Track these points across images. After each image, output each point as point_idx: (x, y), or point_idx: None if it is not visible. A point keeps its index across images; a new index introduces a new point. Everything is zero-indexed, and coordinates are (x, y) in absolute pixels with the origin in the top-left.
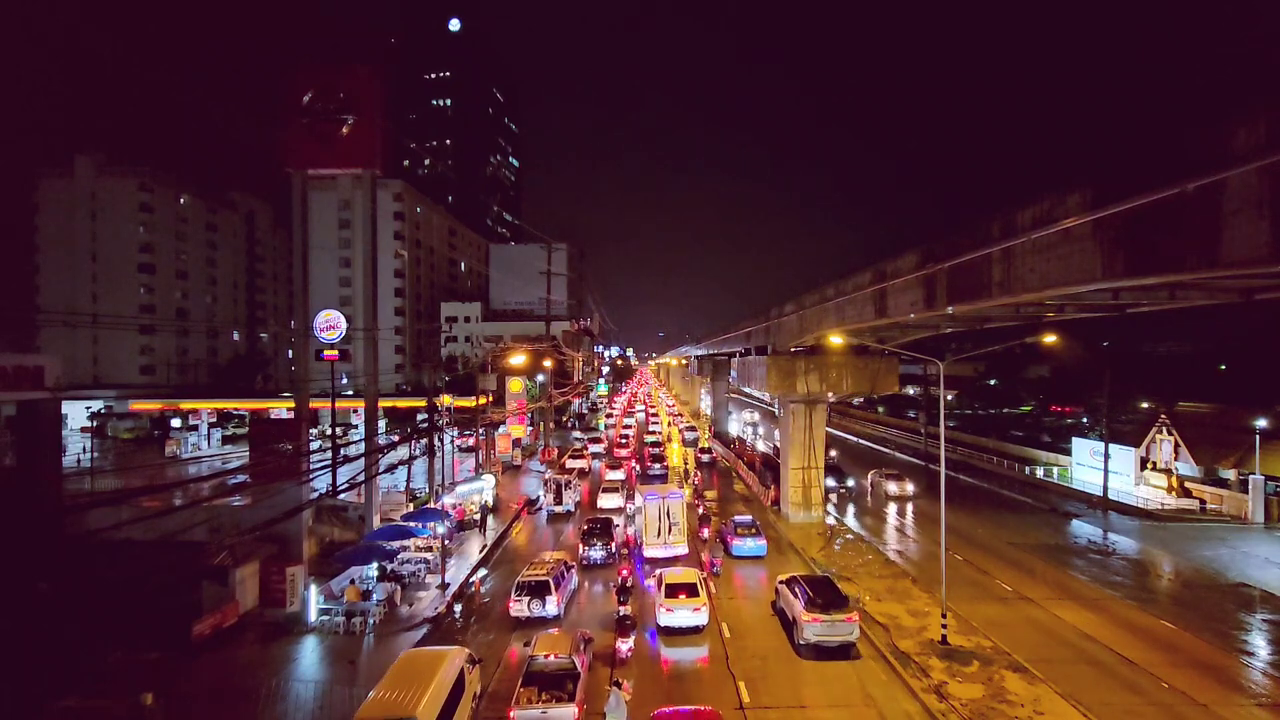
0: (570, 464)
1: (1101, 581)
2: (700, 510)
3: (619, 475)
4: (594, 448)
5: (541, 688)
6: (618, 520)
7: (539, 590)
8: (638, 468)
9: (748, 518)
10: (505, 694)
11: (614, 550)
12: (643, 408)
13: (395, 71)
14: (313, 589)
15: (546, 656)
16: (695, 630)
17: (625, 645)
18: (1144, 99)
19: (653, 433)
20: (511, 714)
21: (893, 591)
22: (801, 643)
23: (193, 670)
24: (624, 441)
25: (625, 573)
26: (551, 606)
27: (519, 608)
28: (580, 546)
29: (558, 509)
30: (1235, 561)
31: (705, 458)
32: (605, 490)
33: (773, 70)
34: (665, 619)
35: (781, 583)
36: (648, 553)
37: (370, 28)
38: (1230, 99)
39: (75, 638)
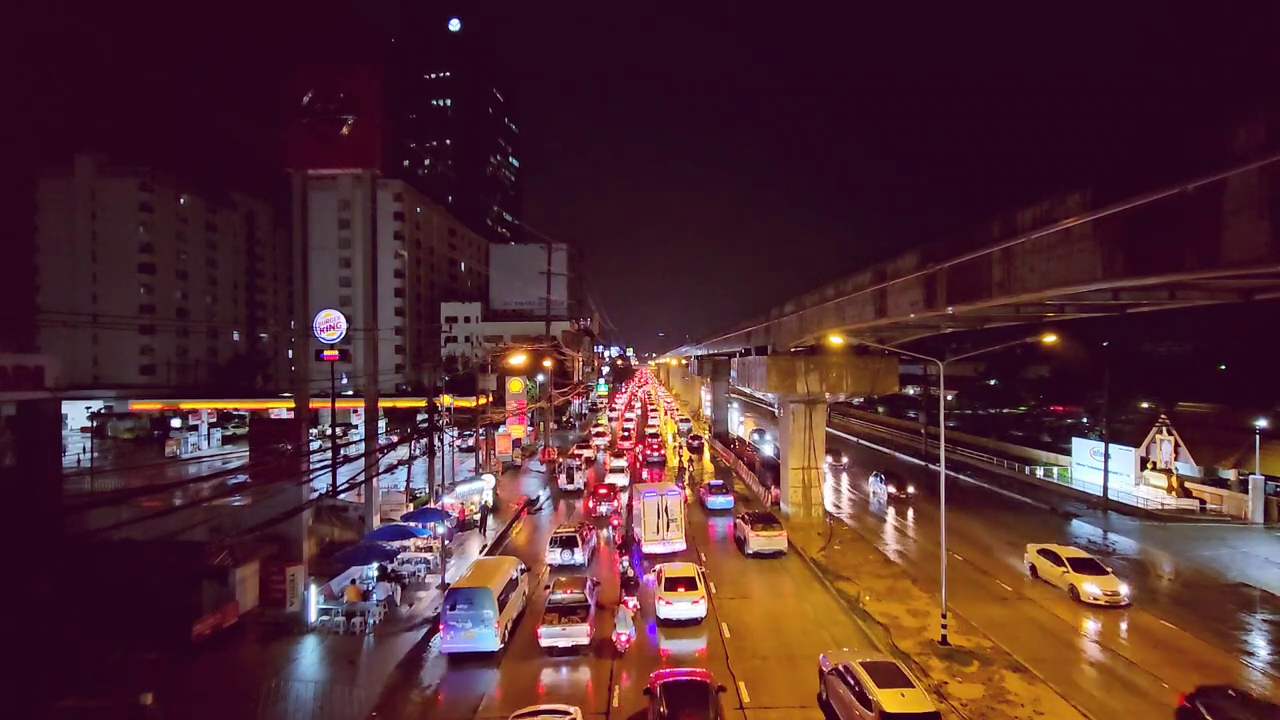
0: (578, 452)
1: None
2: (688, 474)
3: (622, 462)
4: (599, 440)
5: (561, 614)
6: (620, 496)
7: (569, 542)
8: (640, 450)
9: (719, 481)
10: (536, 618)
11: (615, 506)
12: (640, 405)
13: (395, 71)
14: (313, 589)
15: (565, 592)
16: (694, 622)
17: (631, 601)
18: (1144, 99)
19: (652, 426)
20: (539, 630)
21: (893, 591)
22: (749, 552)
23: (193, 670)
24: (626, 434)
25: (617, 522)
26: (579, 555)
27: (553, 556)
28: (591, 500)
29: (569, 487)
30: (1235, 561)
31: (695, 443)
32: (612, 472)
33: (773, 70)
34: (665, 611)
35: (738, 518)
36: (646, 549)
37: (370, 28)
38: (1230, 99)
39: (75, 638)
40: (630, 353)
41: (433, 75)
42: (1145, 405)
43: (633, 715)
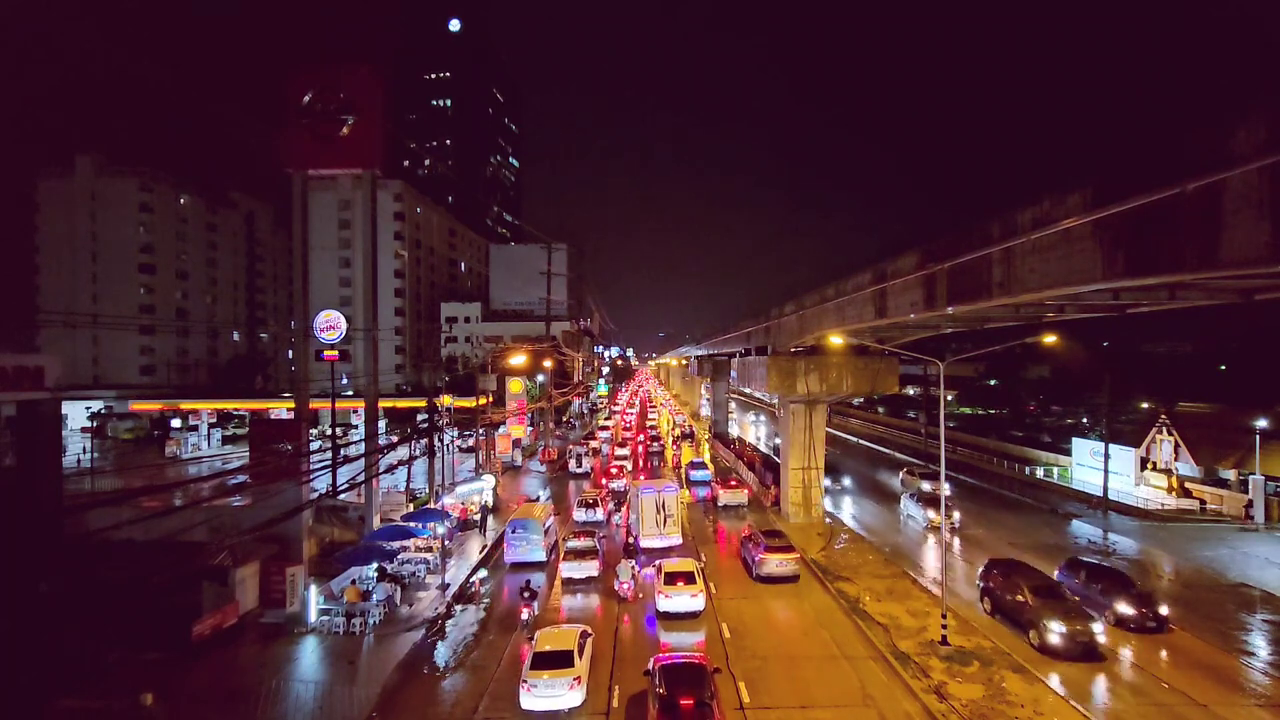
0: (585, 442)
1: None
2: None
3: (625, 450)
4: (603, 434)
5: (577, 555)
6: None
7: (592, 504)
8: (641, 439)
9: (700, 459)
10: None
11: (625, 483)
12: (640, 403)
13: (395, 71)
14: (313, 589)
15: (579, 540)
16: (693, 615)
17: (631, 561)
18: (1144, 99)
19: (651, 420)
20: (560, 565)
21: (893, 592)
22: (721, 505)
23: (193, 670)
24: (628, 427)
25: (625, 487)
26: (599, 514)
27: (579, 514)
28: (604, 479)
29: (579, 470)
30: (1235, 562)
31: (688, 429)
32: (617, 459)
33: (774, 70)
34: (664, 604)
35: (714, 482)
36: (644, 543)
37: (370, 28)
38: (1230, 99)
39: (75, 638)
40: (630, 353)
41: (433, 75)
42: (1145, 405)
43: (633, 695)
